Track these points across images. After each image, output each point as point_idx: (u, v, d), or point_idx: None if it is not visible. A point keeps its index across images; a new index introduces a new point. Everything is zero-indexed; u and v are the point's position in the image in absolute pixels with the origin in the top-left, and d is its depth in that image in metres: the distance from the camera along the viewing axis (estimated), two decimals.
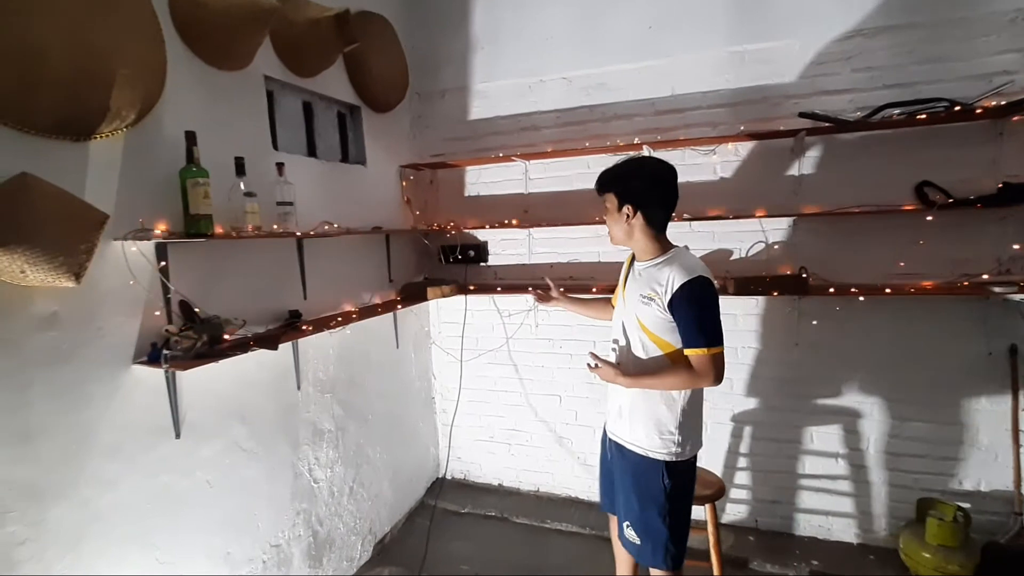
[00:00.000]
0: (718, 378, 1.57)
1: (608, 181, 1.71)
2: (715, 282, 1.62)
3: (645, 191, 1.65)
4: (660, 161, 1.69)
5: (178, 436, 1.70)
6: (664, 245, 1.70)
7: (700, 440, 1.77)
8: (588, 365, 1.75)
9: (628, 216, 1.66)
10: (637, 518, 1.75)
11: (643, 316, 1.66)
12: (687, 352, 1.59)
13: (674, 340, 1.63)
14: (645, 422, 1.70)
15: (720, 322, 1.59)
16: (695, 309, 1.56)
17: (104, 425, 1.51)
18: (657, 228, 1.68)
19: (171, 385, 1.65)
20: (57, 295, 1.38)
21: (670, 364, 1.64)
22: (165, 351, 1.54)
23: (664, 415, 1.68)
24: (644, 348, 1.69)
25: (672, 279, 1.58)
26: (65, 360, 1.42)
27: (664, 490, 1.68)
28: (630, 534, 1.78)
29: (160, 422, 1.66)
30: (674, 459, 1.68)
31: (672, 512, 1.70)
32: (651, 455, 1.69)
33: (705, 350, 1.56)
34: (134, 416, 1.59)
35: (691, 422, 1.71)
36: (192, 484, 1.77)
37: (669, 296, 1.57)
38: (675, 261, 1.63)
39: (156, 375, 1.61)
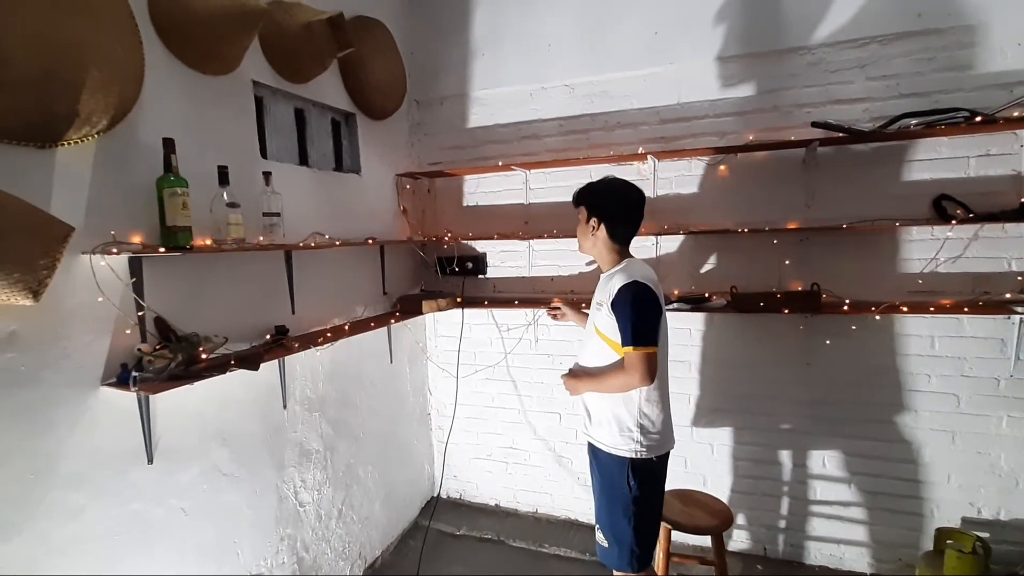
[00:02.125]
0: (645, 377, 1.64)
1: (581, 195, 1.88)
2: (654, 287, 1.71)
3: (611, 208, 1.80)
4: (631, 185, 1.83)
5: (151, 461, 1.60)
6: (622, 256, 1.83)
7: (668, 440, 1.81)
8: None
9: (593, 228, 1.81)
10: (605, 520, 1.82)
11: (598, 321, 1.79)
12: (621, 350, 1.69)
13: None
14: (607, 420, 1.78)
15: (652, 325, 1.68)
16: (627, 310, 1.66)
17: (68, 451, 1.41)
18: (618, 242, 1.82)
19: (143, 408, 1.55)
20: (15, 313, 1.28)
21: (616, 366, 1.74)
22: (135, 373, 1.43)
23: (622, 413, 1.75)
24: (600, 352, 1.79)
25: (615, 283, 1.71)
26: (24, 383, 1.31)
27: (629, 490, 1.73)
28: (599, 537, 1.85)
29: (131, 447, 1.56)
30: (636, 456, 1.73)
31: (637, 514, 1.74)
32: (614, 452, 1.77)
33: (632, 348, 1.65)
34: (102, 441, 1.48)
35: (652, 420, 1.75)
36: (165, 512, 1.66)
37: (611, 299, 1.70)
38: (623, 270, 1.76)
39: (127, 397, 1.50)
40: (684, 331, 2.63)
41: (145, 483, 1.60)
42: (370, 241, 2.46)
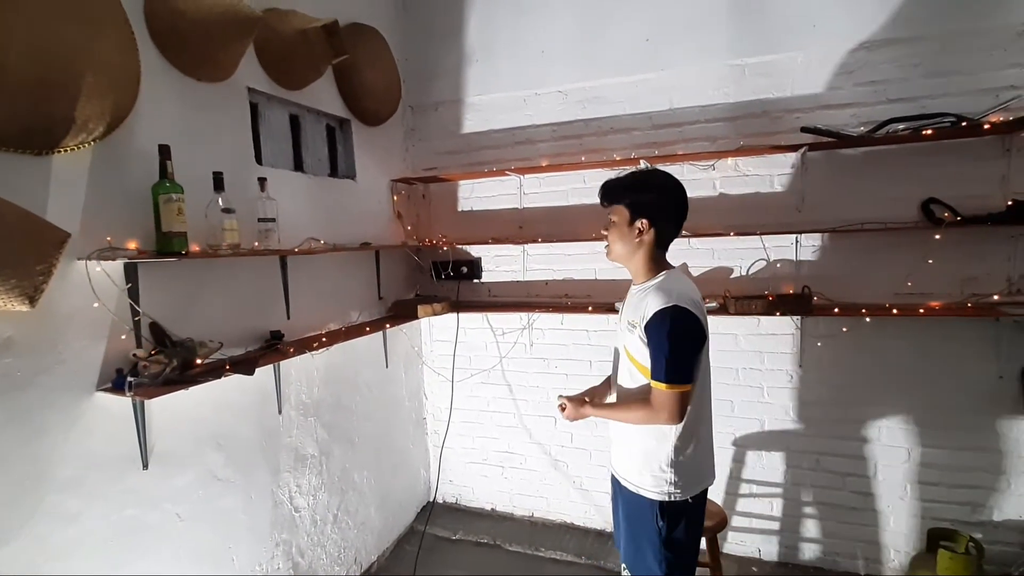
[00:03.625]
0: (673, 418, 1.44)
1: (618, 192, 1.56)
2: (697, 311, 1.47)
3: (660, 205, 1.53)
4: (669, 175, 1.57)
5: (146, 467, 1.60)
6: (661, 267, 1.57)
7: (707, 476, 1.61)
8: (559, 408, 1.68)
9: (640, 231, 1.52)
10: (632, 560, 1.61)
11: (628, 343, 1.55)
12: (651, 383, 1.47)
13: None
14: (635, 456, 1.56)
15: (690, 358, 1.46)
16: (663, 340, 1.43)
17: (64, 456, 1.41)
18: (663, 247, 1.57)
19: (138, 413, 1.55)
20: (12, 319, 1.29)
21: (645, 395, 1.51)
22: (130, 378, 1.44)
23: (653, 449, 1.52)
24: (631, 376, 1.57)
25: (650, 304, 1.46)
26: (20, 388, 1.32)
27: (659, 532, 1.52)
28: (623, 568, 1.67)
29: (126, 452, 1.56)
30: (669, 499, 1.51)
31: (671, 559, 1.52)
32: (642, 493, 1.54)
33: (664, 385, 1.43)
34: (97, 446, 1.49)
35: (689, 458, 1.52)
36: (160, 517, 1.66)
37: (645, 322, 1.46)
38: (661, 286, 1.50)
39: (122, 402, 1.51)
40: None
41: (140, 488, 1.60)
42: (365, 246, 2.46)
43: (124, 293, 1.52)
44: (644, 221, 1.51)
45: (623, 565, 1.67)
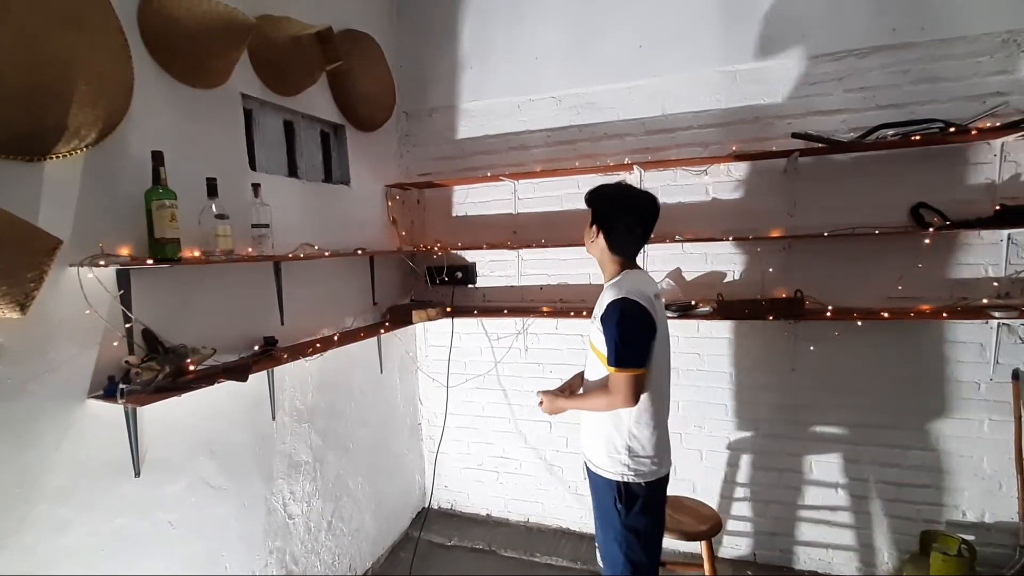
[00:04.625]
0: (628, 399, 1.59)
1: (589, 198, 1.78)
2: (647, 304, 1.61)
3: (613, 218, 1.70)
4: (644, 195, 1.74)
5: (138, 474, 1.59)
6: (622, 268, 1.73)
7: (662, 464, 1.71)
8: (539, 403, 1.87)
9: (593, 235, 1.74)
10: (601, 542, 1.77)
11: (593, 337, 1.72)
12: (607, 368, 1.64)
13: None
14: (597, 440, 1.72)
15: (638, 345, 1.60)
16: (612, 328, 1.59)
17: (54, 464, 1.40)
18: (619, 254, 1.73)
19: (130, 420, 1.54)
20: (2, 326, 1.28)
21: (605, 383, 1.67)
22: (122, 385, 1.43)
23: (612, 434, 1.68)
24: (595, 368, 1.72)
25: (605, 298, 1.66)
26: (11, 395, 1.31)
27: (618, 514, 1.66)
28: (598, 556, 1.81)
29: (118, 460, 1.55)
30: (624, 480, 1.66)
31: (628, 541, 1.67)
32: (601, 474, 1.71)
33: (615, 369, 1.59)
34: (88, 454, 1.48)
35: (642, 443, 1.66)
36: (152, 525, 1.65)
37: (600, 314, 1.65)
38: (618, 283, 1.68)
39: (114, 410, 1.50)
40: (672, 338, 2.61)
41: (132, 496, 1.59)
42: (359, 252, 2.46)
43: (116, 300, 1.51)
44: (595, 228, 1.73)
45: (597, 546, 1.83)
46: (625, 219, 1.69)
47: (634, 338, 1.59)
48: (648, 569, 1.70)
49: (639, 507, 1.66)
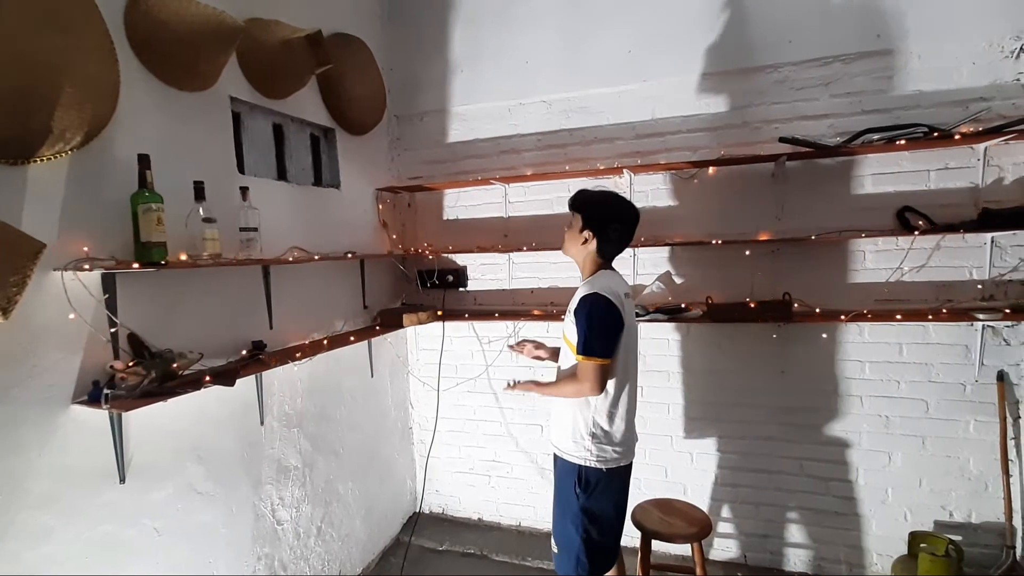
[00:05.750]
0: (595, 387, 1.69)
1: (582, 203, 1.85)
2: (615, 300, 1.71)
3: (608, 225, 1.80)
4: (630, 204, 1.87)
5: (123, 481, 1.57)
6: (599, 268, 1.85)
7: (625, 454, 1.80)
8: (507, 384, 1.98)
9: (586, 240, 1.82)
10: (557, 525, 1.85)
11: (566, 329, 1.83)
12: (576, 358, 1.73)
13: None
14: (564, 425, 1.82)
15: (606, 337, 1.70)
16: (582, 321, 1.71)
17: (37, 471, 1.38)
18: (604, 257, 1.85)
19: (115, 426, 1.53)
20: None
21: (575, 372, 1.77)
22: (107, 390, 1.42)
23: (578, 419, 1.78)
24: (567, 358, 1.83)
25: (579, 294, 1.77)
26: None
27: (576, 498, 1.75)
28: (552, 542, 1.88)
29: (103, 466, 1.53)
30: (586, 464, 1.75)
31: (586, 525, 1.75)
32: (565, 457, 1.81)
33: (583, 357, 1.70)
34: (73, 460, 1.46)
35: (606, 431, 1.76)
36: (138, 533, 1.63)
37: (573, 307, 1.76)
38: (591, 281, 1.78)
39: (99, 415, 1.48)
40: (662, 341, 2.67)
41: (117, 503, 1.57)
42: (350, 255, 2.46)
43: (101, 304, 1.50)
44: (589, 233, 1.81)
45: (551, 534, 1.89)
46: (617, 226, 1.81)
47: (602, 331, 1.70)
48: (605, 552, 1.81)
49: (598, 490, 1.76)
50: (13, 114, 1.29)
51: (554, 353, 2.08)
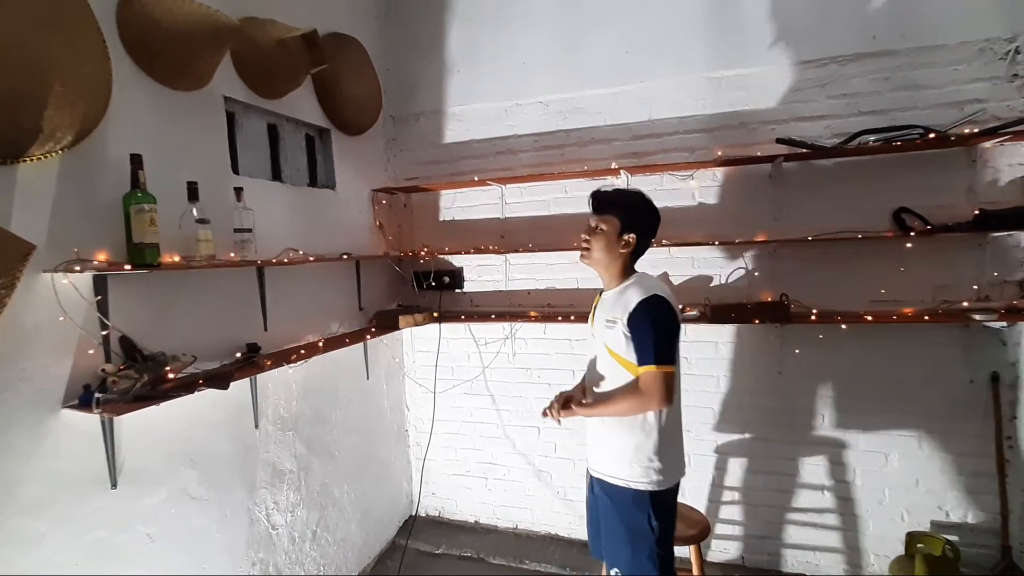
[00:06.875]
0: (664, 399, 1.54)
1: (614, 205, 1.70)
2: (672, 302, 1.62)
3: (647, 224, 1.71)
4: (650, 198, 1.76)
5: (114, 486, 1.55)
6: (632, 271, 1.74)
7: (683, 466, 1.72)
8: (543, 413, 1.76)
9: (628, 243, 1.68)
10: (628, 562, 1.63)
11: (609, 340, 1.65)
12: (639, 370, 1.57)
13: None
14: (621, 451, 1.64)
15: (672, 342, 1.59)
16: (647, 325, 1.56)
17: (28, 476, 1.36)
18: (635, 260, 1.75)
19: (107, 430, 1.50)
20: None
21: (630, 388, 1.61)
22: (98, 394, 1.39)
23: (641, 441, 1.62)
24: (614, 374, 1.66)
25: (631, 298, 1.60)
26: None
27: (653, 531, 1.60)
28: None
29: (94, 471, 1.51)
30: (658, 488, 1.61)
31: (662, 555, 1.61)
32: (632, 486, 1.62)
33: (654, 367, 1.54)
34: (63, 465, 1.43)
35: (671, 446, 1.65)
36: (130, 538, 1.60)
37: (627, 315, 1.58)
38: (637, 283, 1.66)
39: (90, 419, 1.46)
40: None
41: (109, 508, 1.54)
42: (345, 256, 2.44)
43: (92, 306, 1.48)
44: (632, 236, 1.67)
45: (614, 571, 1.67)
46: (655, 229, 1.74)
47: (669, 335, 1.58)
48: (672, 564, 1.67)
49: (667, 513, 1.64)
50: (2, 114, 1.26)
51: (583, 390, 1.84)
